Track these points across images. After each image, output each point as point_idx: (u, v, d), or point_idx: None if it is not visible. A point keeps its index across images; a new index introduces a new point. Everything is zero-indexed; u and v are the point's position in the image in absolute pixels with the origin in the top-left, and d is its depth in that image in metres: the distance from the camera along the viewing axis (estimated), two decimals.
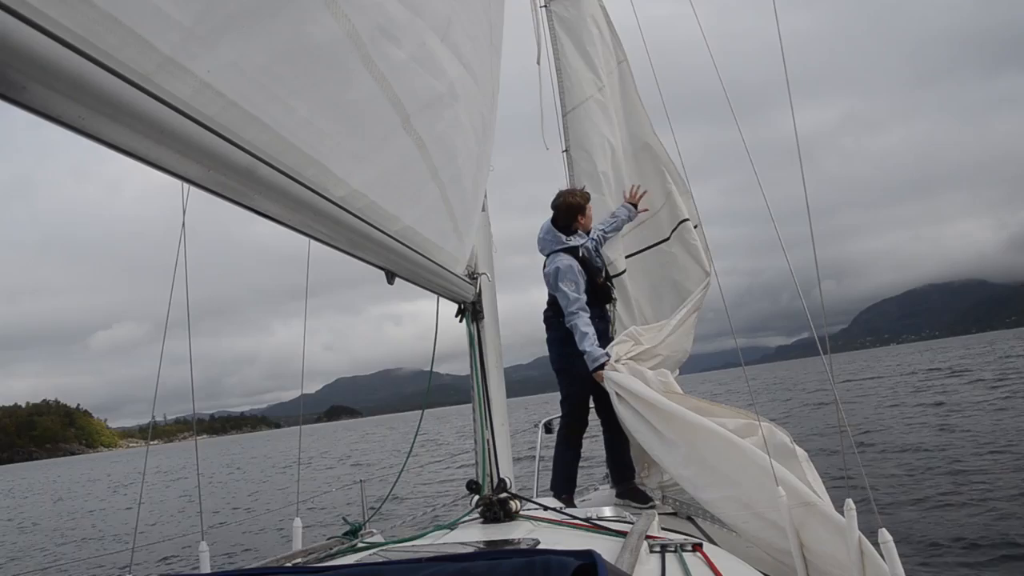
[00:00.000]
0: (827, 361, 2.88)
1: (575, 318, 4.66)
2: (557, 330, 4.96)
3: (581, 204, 4.91)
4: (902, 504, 9.29)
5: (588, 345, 4.55)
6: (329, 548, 2.82)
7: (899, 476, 11.22)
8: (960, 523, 8.18)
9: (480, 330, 3.90)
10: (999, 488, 9.49)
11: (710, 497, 3.64)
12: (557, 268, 4.78)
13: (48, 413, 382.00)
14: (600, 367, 4.46)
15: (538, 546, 2.40)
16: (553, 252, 4.90)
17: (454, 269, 3.30)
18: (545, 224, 5.00)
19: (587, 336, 4.58)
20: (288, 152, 1.58)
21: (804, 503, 3.17)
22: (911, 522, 8.42)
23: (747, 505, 3.44)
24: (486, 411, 3.77)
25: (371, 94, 1.84)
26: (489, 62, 2.95)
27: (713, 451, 3.66)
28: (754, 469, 3.43)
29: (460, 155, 2.77)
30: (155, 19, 1.12)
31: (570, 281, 4.73)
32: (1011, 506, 8.55)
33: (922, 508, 9.06)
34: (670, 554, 2.39)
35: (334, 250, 2.15)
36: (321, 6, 1.49)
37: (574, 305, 4.68)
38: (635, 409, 4.09)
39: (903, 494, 9.85)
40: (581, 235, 4.95)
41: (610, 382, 4.30)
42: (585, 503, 5.01)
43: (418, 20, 1.97)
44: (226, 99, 1.32)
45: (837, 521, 3.02)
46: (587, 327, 4.62)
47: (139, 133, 1.16)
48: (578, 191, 4.98)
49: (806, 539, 3.16)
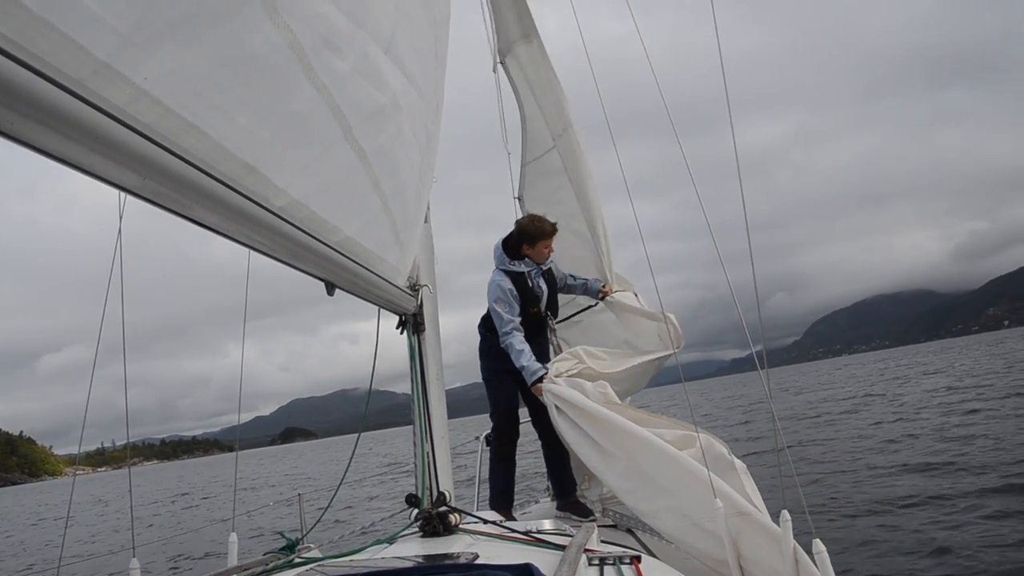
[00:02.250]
0: (765, 376, 2.95)
1: (508, 337, 4.66)
2: (485, 341, 5.02)
3: (532, 233, 4.81)
4: (837, 515, 9.55)
5: (525, 360, 4.55)
6: (265, 564, 2.77)
7: (835, 487, 11.53)
8: (893, 532, 8.45)
9: (421, 342, 3.88)
10: (932, 499, 9.82)
11: (648, 508, 3.68)
12: (492, 284, 4.82)
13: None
14: (538, 380, 4.45)
15: (477, 560, 2.40)
16: (495, 268, 4.92)
17: (395, 281, 3.29)
18: (498, 242, 4.96)
19: (523, 352, 4.59)
20: (227, 161, 1.56)
21: (740, 513, 3.23)
22: (845, 532, 8.66)
23: (685, 516, 3.48)
24: (426, 424, 3.75)
25: (313, 105, 1.83)
26: (434, 74, 2.96)
27: (651, 463, 3.68)
28: (691, 480, 3.47)
29: (403, 167, 2.77)
30: (90, 24, 1.10)
31: (503, 303, 4.74)
32: (943, 515, 8.86)
33: (856, 518, 9.32)
34: (608, 567, 2.41)
35: (276, 262, 2.12)
36: (263, 16, 1.47)
37: (508, 326, 4.69)
38: (574, 421, 4.09)
39: (838, 505, 10.13)
40: (528, 263, 4.89)
41: (549, 395, 4.29)
42: (526, 516, 5.01)
43: (361, 32, 1.97)
44: (164, 107, 1.30)
45: (773, 531, 3.08)
46: (522, 344, 4.63)
47: (72, 140, 1.14)
48: (546, 220, 4.87)
49: (743, 549, 3.21)
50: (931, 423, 17.66)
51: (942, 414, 19.30)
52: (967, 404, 20.64)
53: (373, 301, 3.17)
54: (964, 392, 25.07)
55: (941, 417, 18.62)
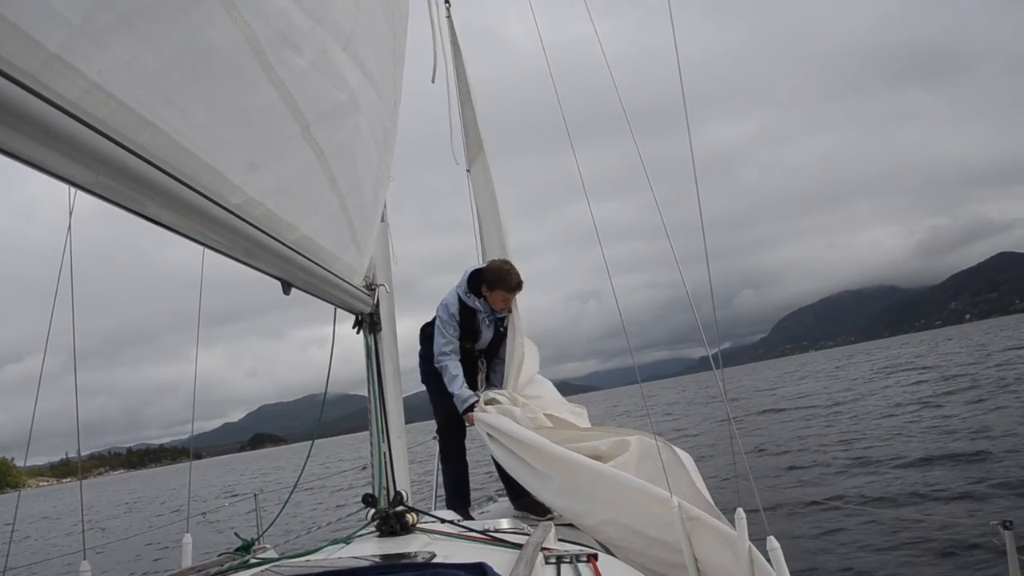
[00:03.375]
0: (719, 376, 3.00)
1: (444, 359, 4.75)
2: (423, 346, 5.07)
3: (492, 280, 4.76)
4: (791, 510, 9.71)
5: (456, 388, 4.66)
6: (220, 564, 2.73)
7: (789, 483, 11.74)
8: (846, 527, 8.64)
9: (377, 342, 3.86)
10: (887, 492, 10.07)
11: (590, 523, 3.71)
12: (443, 302, 4.88)
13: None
14: (469, 408, 4.57)
15: (433, 559, 2.40)
16: (455, 288, 4.93)
17: (351, 280, 3.26)
18: (474, 267, 4.94)
19: (456, 378, 4.69)
20: (183, 158, 1.54)
21: (691, 517, 3.27)
22: (800, 528, 8.82)
23: (626, 526, 3.52)
24: (382, 423, 3.73)
25: (270, 101, 1.81)
26: (392, 73, 2.95)
27: (586, 480, 3.75)
28: (630, 492, 3.53)
29: (360, 165, 2.75)
30: (40, 15, 1.08)
31: (447, 324, 4.80)
32: (895, 510, 9.09)
33: (810, 514, 9.50)
34: (565, 565, 2.42)
35: (235, 263, 2.09)
36: (220, 11, 1.45)
37: (446, 347, 4.78)
38: (508, 448, 4.17)
39: (792, 500, 10.30)
40: (483, 305, 4.86)
41: (480, 423, 4.41)
42: (484, 515, 5.01)
43: (320, 28, 1.95)
44: (118, 101, 1.28)
45: (726, 533, 3.13)
46: (456, 369, 4.73)
47: (22, 134, 1.11)
48: (515, 273, 4.80)
49: (697, 551, 3.25)
50: (889, 418, 18.12)
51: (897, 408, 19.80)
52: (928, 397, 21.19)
53: (329, 300, 3.14)
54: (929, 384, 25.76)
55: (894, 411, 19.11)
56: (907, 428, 15.78)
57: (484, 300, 4.85)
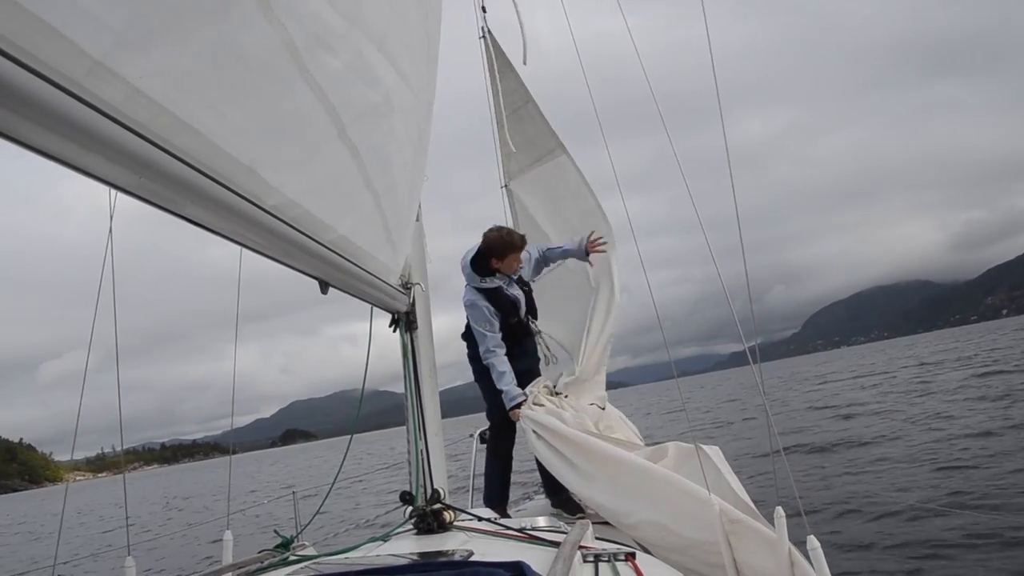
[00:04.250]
0: (757, 371, 2.97)
1: (491, 356, 4.74)
2: (471, 347, 5.04)
3: (500, 247, 4.74)
4: (831, 509, 9.53)
5: (504, 384, 4.66)
6: (260, 561, 2.77)
7: (829, 481, 11.54)
8: (888, 528, 8.45)
9: (414, 340, 3.88)
10: (929, 492, 9.84)
11: (631, 523, 3.70)
12: (467, 303, 4.85)
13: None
14: (517, 406, 4.56)
15: (471, 557, 2.40)
16: (467, 286, 4.91)
17: (388, 279, 3.28)
18: (468, 255, 4.87)
19: (504, 375, 4.68)
20: (221, 159, 1.56)
21: (732, 520, 3.25)
22: (841, 529, 8.66)
23: (667, 527, 3.51)
24: (419, 421, 3.76)
25: (306, 103, 1.83)
26: (426, 73, 2.96)
27: (632, 480, 3.74)
28: (674, 494, 3.52)
29: (395, 165, 2.77)
30: (85, 22, 1.10)
31: (483, 321, 4.77)
32: (939, 508, 8.88)
33: (851, 513, 9.32)
34: (603, 563, 2.41)
35: (272, 262, 2.12)
36: (257, 13, 1.47)
37: (490, 344, 4.76)
38: (552, 446, 4.18)
39: (833, 499, 10.13)
40: (500, 277, 4.86)
41: (527, 420, 4.41)
42: (520, 513, 5.02)
43: (355, 30, 1.97)
44: (158, 105, 1.30)
45: (767, 535, 3.10)
46: (503, 365, 4.71)
47: (68, 139, 1.14)
48: (515, 233, 4.82)
49: (736, 554, 3.24)
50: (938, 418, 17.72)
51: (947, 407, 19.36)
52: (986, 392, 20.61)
53: (366, 299, 3.16)
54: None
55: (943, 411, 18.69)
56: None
57: (498, 272, 4.85)
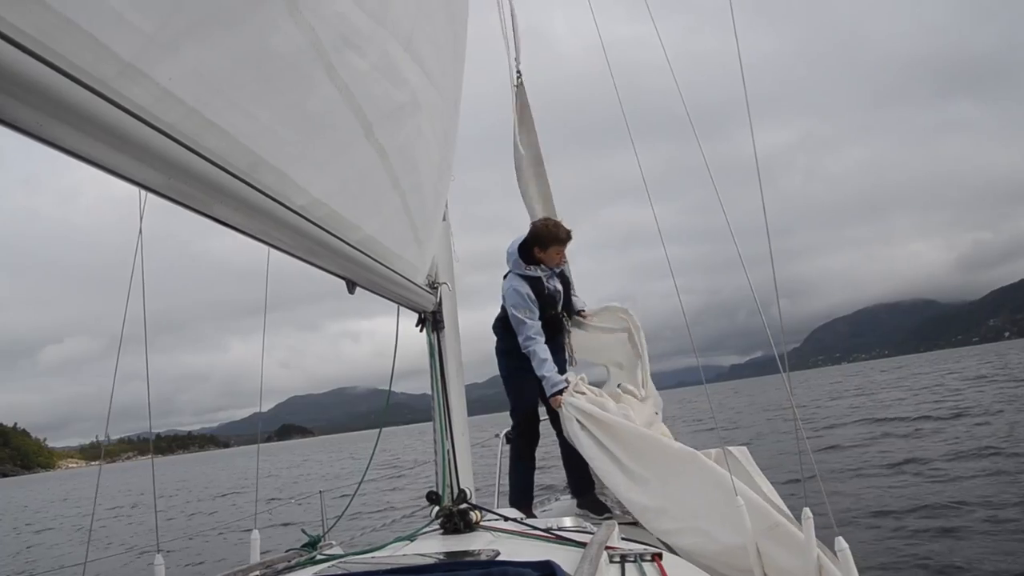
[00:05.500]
0: (786, 379, 2.93)
1: (532, 344, 4.67)
2: (503, 341, 4.99)
3: (545, 238, 4.77)
4: (858, 511, 9.44)
5: (547, 371, 4.57)
6: (287, 560, 2.78)
7: (855, 483, 11.43)
8: (917, 531, 8.35)
9: (441, 340, 3.88)
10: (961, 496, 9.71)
11: (670, 527, 3.63)
12: (510, 290, 4.81)
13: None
14: (559, 392, 4.47)
15: (498, 557, 2.40)
16: (511, 272, 4.91)
17: (414, 279, 3.29)
18: (516, 242, 4.92)
19: (545, 362, 4.59)
20: (249, 160, 1.57)
21: (770, 525, 3.23)
22: (870, 532, 8.56)
23: (705, 532, 3.46)
24: (446, 421, 3.76)
25: (333, 103, 1.83)
26: (452, 72, 2.96)
27: (679, 475, 3.67)
28: (716, 493, 3.47)
29: (422, 164, 2.77)
30: (115, 25, 1.11)
31: (523, 308, 4.73)
32: (972, 517, 8.75)
33: (878, 515, 9.22)
34: (629, 564, 2.40)
35: (293, 261, 2.13)
36: (284, 14, 1.48)
37: (530, 331, 4.69)
38: (596, 437, 4.07)
39: (859, 501, 10.03)
40: (544, 269, 4.87)
41: (569, 407, 4.28)
42: (546, 513, 5.01)
43: (381, 29, 1.97)
44: (187, 106, 1.31)
45: (797, 538, 3.08)
46: (544, 353, 4.63)
47: (99, 140, 1.15)
48: (561, 226, 4.83)
49: (765, 559, 3.21)
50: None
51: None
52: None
53: (393, 299, 3.17)
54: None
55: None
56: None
57: (541, 264, 4.85)
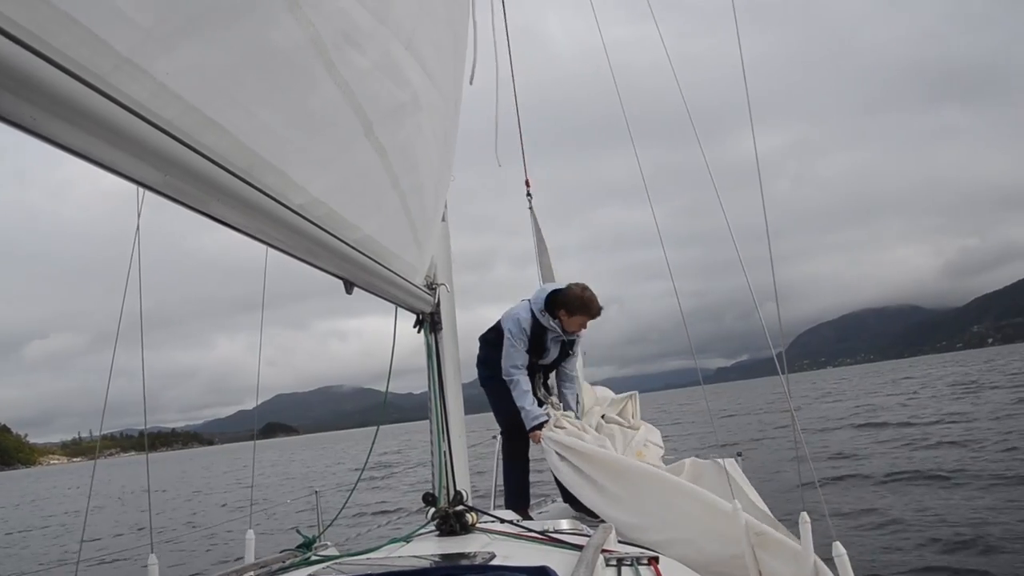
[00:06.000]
0: (784, 380, 2.93)
1: (516, 373, 4.78)
2: (487, 353, 5.08)
3: (576, 306, 4.81)
4: (858, 520, 9.44)
5: (527, 403, 4.67)
6: (282, 561, 2.77)
7: (850, 488, 11.45)
8: (914, 536, 8.36)
9: (438, 341, 3.86)
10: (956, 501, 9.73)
11: (656, 539, 3.67)
12: (516, 317, 4.88)
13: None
14: (538, 427, 4.55)
15: (493, 560, 2.38)
16: (528, 302, 4.97)
17: (413, 279, 3.27)
18: (552, 287, 4.98)
19: (527, 394, 4.70)
20: (247, 158, 1.55)
21: (756, 532, 3.23)
22: (867, 531, 8.58)
23: (691, 542, 3.49)
24: (443, 423, 3.74)
25: (333, 101, 1.81)
26: (452, 72, 2.95)
27: (657, 497, 3.72)
28: (700, 509, 3.51)
29: (421, 164, 2.75)
30: (113, 19, 1.09)
31: (518, 339, 4.83)
32: (960, 515, 8.77)
33: (874, 519, 9.24)
34: (626, 567, 2.39)
35: (283, 257, 2.11)
36: (284, 11, 1.46)
37: (517, 361, 4.81)
38: (576, 467, 4.15)
39: (854, 505, 10.04)
40: (556, 324, 4.90)
41: (549, 442, 4.37)
42: (542, 516, 4.99)
43: (382, 28, 1.96)
44: (185, 102, 1.29)
45: (790, 546, 3.08)
46: (527, 385, 4.76)
47: (94, 135, 1.13)
48: (596, 301, 4.87)
49: (763, 567, 3.21)
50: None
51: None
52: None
53: (391, 300, 3.15)
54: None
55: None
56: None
57: (559, 321, 4.89)
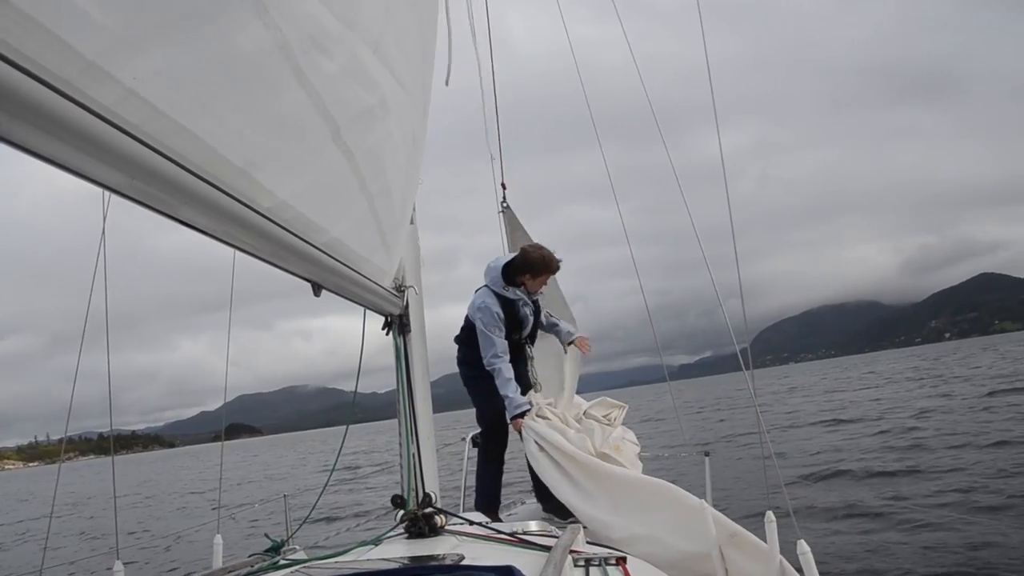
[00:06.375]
0: (749, 377, 2.98)
1: (498, 362, 4.69)
2: (465, 352, 5.03)
3: (538, 266, 4.80)
4: (822, 517, 9.57)
5: (510, 391, 4.61)
6: (250, 565, 2.76)
7: (812, 486, 11.61)
8: (877, 533, 8.50)
9: (407, 343, 3.86)
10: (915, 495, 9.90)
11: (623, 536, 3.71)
12: (482, 306, 4.80)
13: None
14: (520, 415, 4.53)
15: (462, 561, 2.40)
16: (485, 287, 4.91)
17: (381, 282, 3.27)
18: (500, 260, 4.92)
19: (509, 382, 4.63)
20: (216, 162, 1.55)
21: (730, 533, 3.28)
22: (831, 534, 8.70)
23: (660, 540, 3.53)
24: (412, 425, 3.74)
25: (301, 105, 1.82)
26: (421, 76, 2.95)
27: (629, 494, 3.79)
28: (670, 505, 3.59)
29: (389, 168, 2.76)
30: (79, 23, 1.09)
31: (492, 326, 4.74)
32: (924, 514, 8.94)
33: (837, 517, 9.38)
34: (594, 568, 2.41)
35: (245, 258, 2.11)
36: (252, 15, 1.47)
37: (497, 349, 4.71)
38: (554, 460, 4.17)
39: (816, 503, 10.18)
40: (522, 292, 4.88)
41: (529, 430, 4.38)
42: (512, 517, 5.01)
43: (350, 32, 1.96)
44: (153, 107, 1.29)
45: (759, 546, 3.13)
46: (509, 372, 4.67)
47: (61, 140, 1.12)
48: (555, 258, 4.86)
49: (729, 565, 3.27)
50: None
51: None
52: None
53: (359, 302, 3.15)
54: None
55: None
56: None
57: (524, 288, 4.86)
